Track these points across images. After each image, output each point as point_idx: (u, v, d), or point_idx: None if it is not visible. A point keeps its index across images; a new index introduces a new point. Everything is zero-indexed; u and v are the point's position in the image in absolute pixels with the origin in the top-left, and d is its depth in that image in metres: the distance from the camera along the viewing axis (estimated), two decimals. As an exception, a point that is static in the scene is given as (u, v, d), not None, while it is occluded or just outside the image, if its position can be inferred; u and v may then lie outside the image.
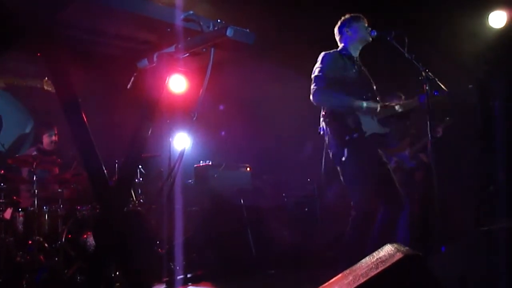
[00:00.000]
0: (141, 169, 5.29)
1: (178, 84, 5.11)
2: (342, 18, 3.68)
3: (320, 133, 3.58)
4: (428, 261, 1.93)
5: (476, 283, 2.41)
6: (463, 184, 5.50)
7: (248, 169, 5.66)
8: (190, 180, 5.49)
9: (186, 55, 1.86)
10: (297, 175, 6.08)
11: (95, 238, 1.84)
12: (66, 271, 4.29)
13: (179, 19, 1.74)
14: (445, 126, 5.13)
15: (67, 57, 1.75)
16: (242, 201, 5.22)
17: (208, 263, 4.93)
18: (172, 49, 1.84)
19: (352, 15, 3.64)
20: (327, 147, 3.52)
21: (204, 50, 1.83)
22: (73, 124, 1.75)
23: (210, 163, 5.35)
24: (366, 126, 3.41)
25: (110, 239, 1.72)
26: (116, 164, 4.92)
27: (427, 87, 3.41)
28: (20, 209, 4.61)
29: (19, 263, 4.28)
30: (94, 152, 1.74)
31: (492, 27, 5.31)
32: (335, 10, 3.83)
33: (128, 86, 2.01)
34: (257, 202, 5.29)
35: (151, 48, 1.88)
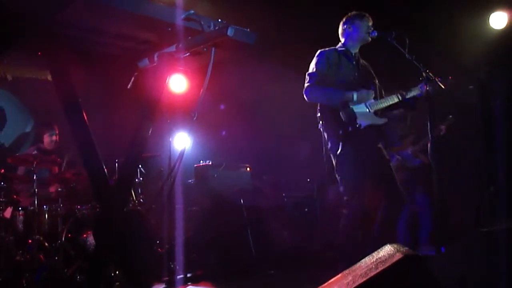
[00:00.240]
0: (141, 169, 5.29)
1: (178, 84, 5.10)
2: (348, 14, 3.68)
3: (320, 129, 3.59)
4: (428, 261, 1.93)
5: (476, 284, 2.40)
6: (463, 184, 5.50)
7: (248, 169, 5.65)
8: (190, 180, 5.49)
9: (187, 55, 1.86)
10: (297, 176, 6.07)
11: (95, 238, 1.85)
12: (66, 270, 4.29)
13: (179, 18, 1.74)
14: (448, 124, 5.14)
15: (68, 57, 1.75)
16: (242, 201, 5.21)
17: (208, 263, 4.93)
18: (172, 48, 1.84)
19: (357, 12, 3.64)
20: (325, 143, 3.53)
21: (205, 49, 1.83)
22: (73, 124, 1.75)
23: (210, 163, 5.34)
24: (361, 118, 3.40)
25: (110, 238, 1.72)
26: (116, 164, 4.92)
27: (427, 87, 3.40)
28: (20, 208, 4.61)
29: (19, 262, 4.28)
30: (95, 152, 1.74)
31: (493, 28, 5.31)
32: (335, 10, 3.84)
33: (128, 86, 2.01)
34: (257, 202, 5.29)
35: (151, 48, 1.88)
